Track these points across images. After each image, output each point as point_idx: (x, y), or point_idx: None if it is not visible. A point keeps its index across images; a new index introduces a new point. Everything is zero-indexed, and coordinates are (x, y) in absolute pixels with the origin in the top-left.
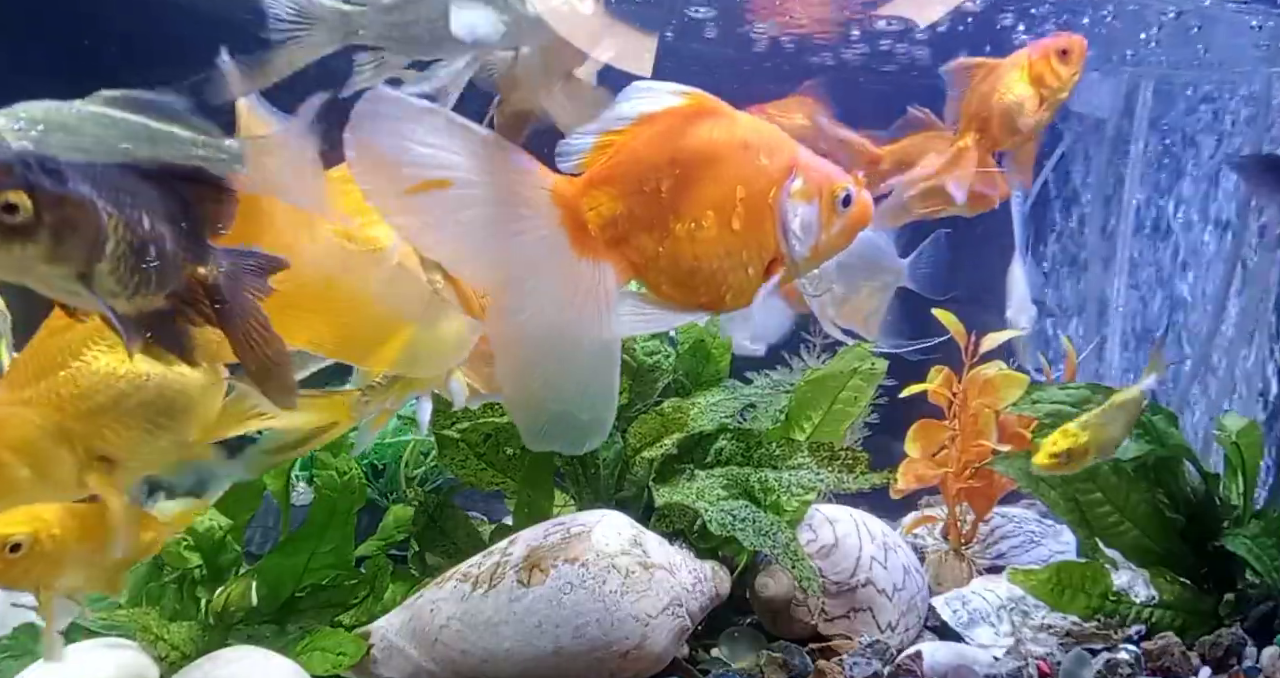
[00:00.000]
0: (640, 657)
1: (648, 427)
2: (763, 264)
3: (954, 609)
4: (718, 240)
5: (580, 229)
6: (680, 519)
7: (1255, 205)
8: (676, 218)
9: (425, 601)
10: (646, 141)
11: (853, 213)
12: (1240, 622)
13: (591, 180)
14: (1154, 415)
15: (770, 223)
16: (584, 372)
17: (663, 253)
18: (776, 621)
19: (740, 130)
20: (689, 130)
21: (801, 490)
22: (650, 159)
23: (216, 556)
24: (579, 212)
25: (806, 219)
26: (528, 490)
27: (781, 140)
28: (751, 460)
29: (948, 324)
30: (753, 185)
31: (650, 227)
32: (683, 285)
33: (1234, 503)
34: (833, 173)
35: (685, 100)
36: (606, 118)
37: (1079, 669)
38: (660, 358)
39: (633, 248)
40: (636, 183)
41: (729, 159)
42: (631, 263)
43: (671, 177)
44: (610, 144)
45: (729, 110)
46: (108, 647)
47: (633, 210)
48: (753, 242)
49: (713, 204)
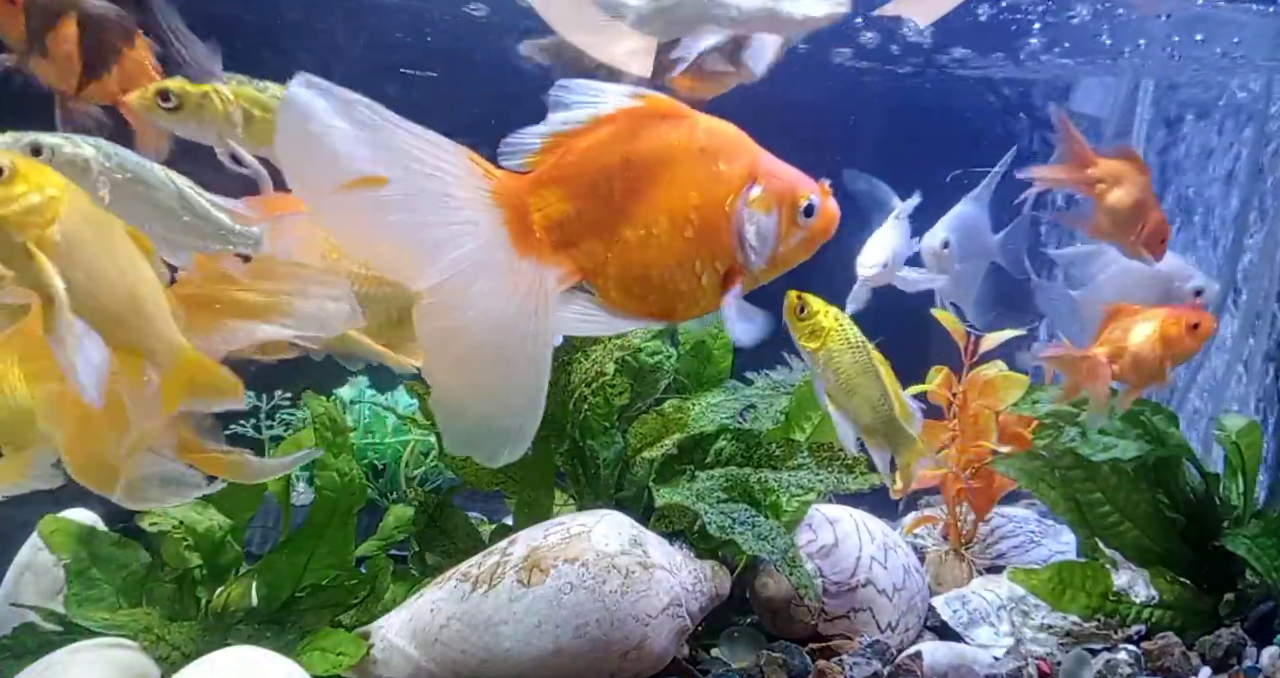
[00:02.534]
0: (640, 657)
1: (648, 427)
2: (718, 273)
3: (954, 609)
4: (670, 247)
5: (524, 230)
6: (680, 519)
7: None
8: (627, 223)
9: (425, 601)
10: (598, 143)
11: (815, 224)
12: (1240, 622)
13: (539, 180)
14: (1154, 415)
15: (725, 231)
16: (513, 377)
17: (612, 258)
18: (776, 621)
19: (697, 134)
20: (643, 132)
21: (801, 491)
22: (602, 161)
23: (216, 556)
24: (523, 212)
25: (764, 229)
26: (528, 490)
27: (742, 146)
28: (751, 461)
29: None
30: (708, 192)
31: (599, 231)
32: (632, 293)
33: (1234, 503)
34: (797, 182)
35: (640, 102)
36: (555, 119)
37: (1079, 669)
38: (662, 358)
39: (581, 252)
40: (586, 185)
41: (684, 163)
42: (579, 267)
43: (623, 180)
44: (560, 144)
45: (687, 113)
46: (108, 647)
47: (582, 213)
48: (706, 250)
49: (666, 210)
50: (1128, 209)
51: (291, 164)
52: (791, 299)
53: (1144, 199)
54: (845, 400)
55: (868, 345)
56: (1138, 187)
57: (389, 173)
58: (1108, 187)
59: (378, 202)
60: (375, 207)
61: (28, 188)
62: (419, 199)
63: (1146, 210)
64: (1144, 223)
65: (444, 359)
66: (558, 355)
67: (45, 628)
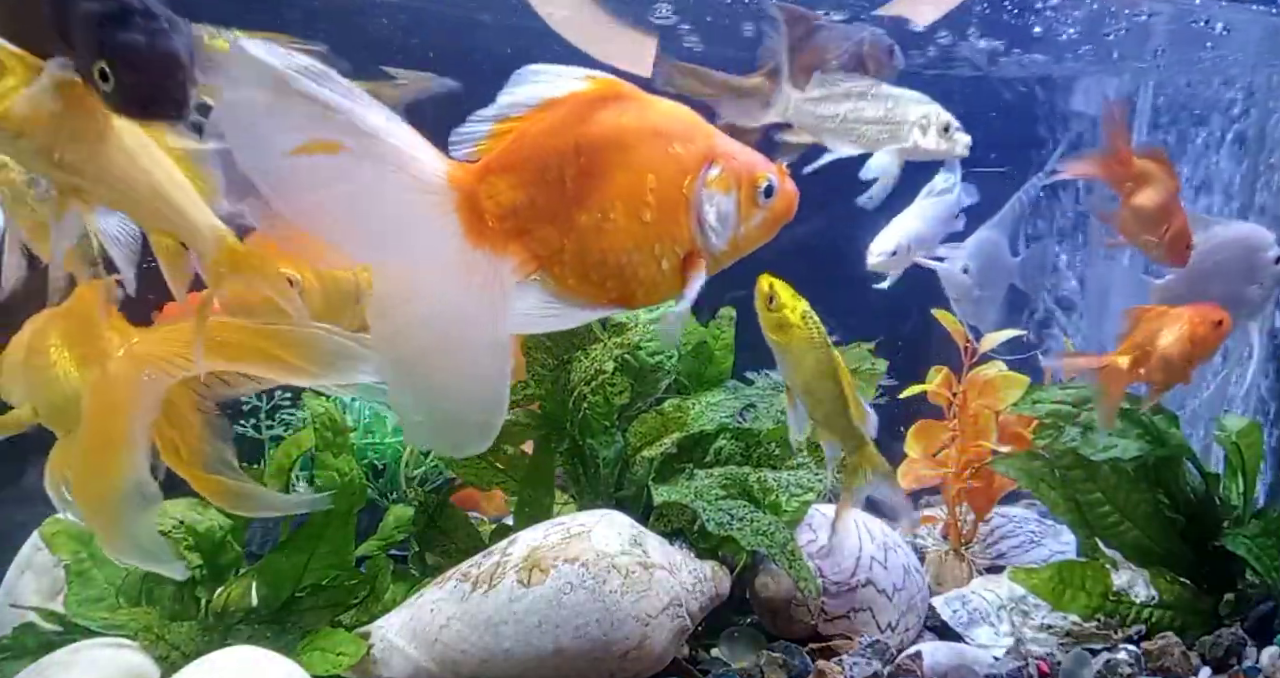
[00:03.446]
0: (640, 657)
1: (648, 426)
2: (677, 257)
3: (954, 609)
4: (627, 232)
5: (476, 219)
6: (679, 518)
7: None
8: (582, 208)
9: (425, 601)
10: (549, 128)
11: (775, 205)
12: (1240, 622)
13: (489, 167)
14: (1154, 415)
15: (684, 214)
16: (472, 371)
17: (568, 246)
18: (776, 621)
19: (651, 116)
20: (595, 116)
21: (801, 491)
22: (553, 146)
23: (216, 556)
24: (475, 200)
25: (724, 210)
26: (528, 490)
27: (698, 128)
28: (751, 460)
29: (947, 325)
30: (664, 174)
31: (554, 218)
32: (590, 280)
33: (1234, 503)
34: (755, 162)
35: (590, 85)
36: (503, 103)
37: (1079, 669)
38: (663, 358)
39: (535, 240)
40: (538, 171)
41: (638, 146)
42: (534, 255)
43: (576, 165)
44: (509, 130)
45: (640, 95)
46: (108, 647)
47: (534, 200)
48: (665, 234)
49: (621, 194)
50: (1152, 211)
51: (236, 130)
52: (764, 287)
53: (1169, 203)
54: (802, 396)
55: (830, 347)
56: (1165, 190)
57: (343, 145)
58: (1135, 185)
59: (325, 172)
60: (321, 177)
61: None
62: (367, 174)
63: (1170, 215)
64: (1167, 227)
65: (399, 353)
66: (558, 354)
67: (45, 628)
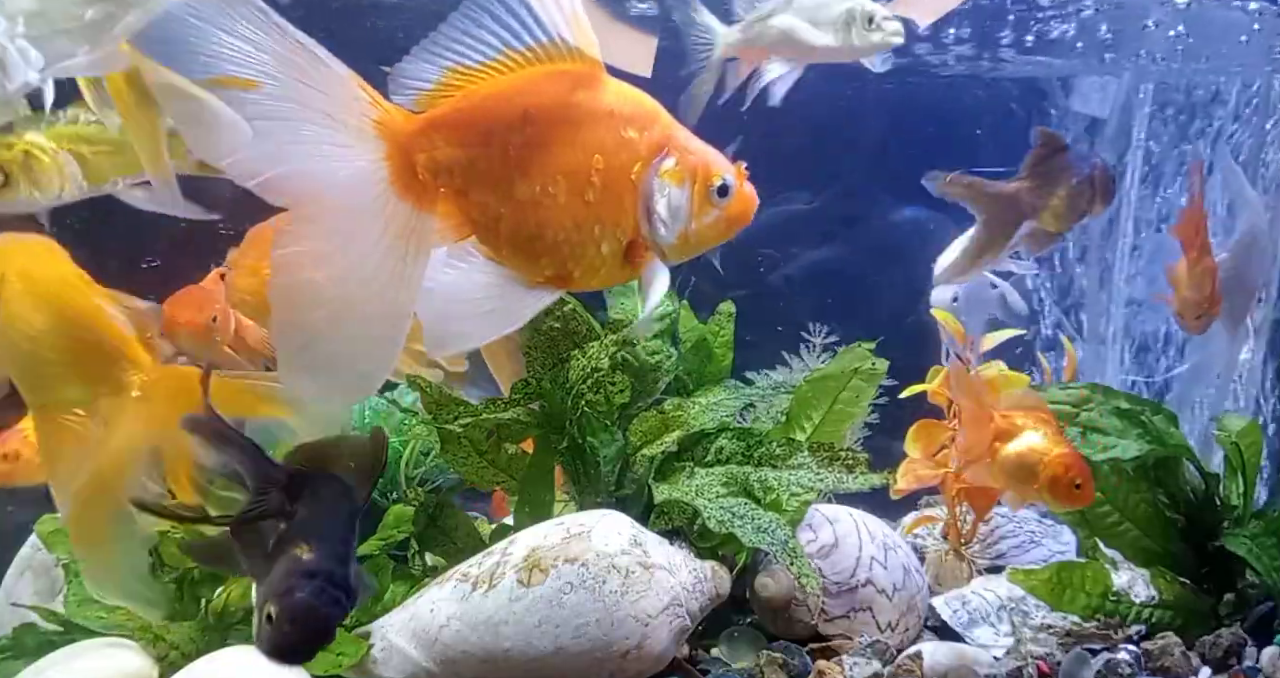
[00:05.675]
0: (640, 657)
1: (648, 424)
2: (619, 244)
3: (954, 609)
4: (566, 209)
5: (407, 170)
6: (679, 516)
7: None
8: (523, 178)
9: (425, 600)
10: (499, 92)
11: (731, 206)
12: (1240, 622)
13: (431, 121)
14: (1154, 415)
15: (630, 201)
16: (369, 321)
17: (505, 215)
18: (776, 620)
19: (608, 97)
20: (549, 87)
21: (801, 490)
22: (501, 111)
23: None
24: (408, 150)
25: (675, 203)
26: (528, 489)
27: (656, 116)
28: (752, 460)
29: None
30: (614, 157)
31: (494, 184)
32: (524, 253)
33: (1234, 503)
34: (711, 159)
35: (552, 50)
36: (458, 49)
37: (1079, 669)
38: (663, 357)
39: (471, 204)
40: (483, 134)
41: (589, 125)
42: (469, 220)
43: (522, 133)
44: (458, 88)
45: (600, 75)
46: (108, 647)
47: (474, 162)
48: (608, 217)
49: (564, 170)
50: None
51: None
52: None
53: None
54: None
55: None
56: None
57: (266, 78)
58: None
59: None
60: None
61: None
62: (294, 109)
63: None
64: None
65: (294, 287)
66: (557, 353)
67: (45, 628)
